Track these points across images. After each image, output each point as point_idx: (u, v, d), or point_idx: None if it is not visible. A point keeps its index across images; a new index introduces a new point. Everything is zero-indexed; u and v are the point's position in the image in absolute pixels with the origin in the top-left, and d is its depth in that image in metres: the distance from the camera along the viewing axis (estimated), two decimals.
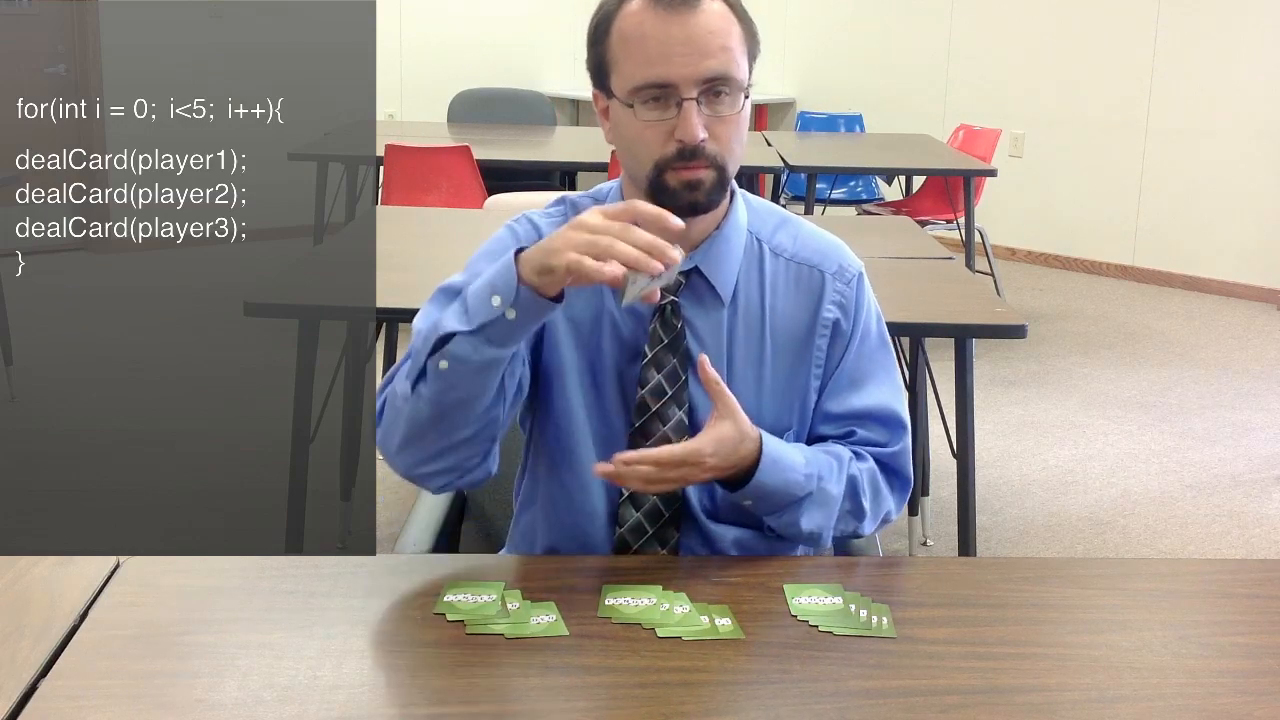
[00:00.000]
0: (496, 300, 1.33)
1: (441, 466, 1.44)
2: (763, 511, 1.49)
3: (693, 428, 1.53)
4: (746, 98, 1.47)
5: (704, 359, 1.43)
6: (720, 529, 1.56)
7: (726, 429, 1.42)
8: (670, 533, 1.54)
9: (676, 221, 1.29)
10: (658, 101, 1.43)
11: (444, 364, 1.36)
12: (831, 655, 1.25)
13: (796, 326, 1.56)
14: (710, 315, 1.54)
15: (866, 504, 1.54)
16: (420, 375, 1.39)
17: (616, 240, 1.26)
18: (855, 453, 1.56)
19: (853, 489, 1.52)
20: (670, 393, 1.52)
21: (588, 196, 1.61)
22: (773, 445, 1.47)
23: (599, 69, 1.50)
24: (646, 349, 1.52)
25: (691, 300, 1.54)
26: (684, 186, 1.45)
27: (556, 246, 1.29)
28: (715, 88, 1.43)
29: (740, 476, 1.46)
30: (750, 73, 1.48)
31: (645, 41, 1.43)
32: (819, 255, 1.58)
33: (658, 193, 1.46)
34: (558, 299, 1.34)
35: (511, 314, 1.33)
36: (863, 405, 1.56)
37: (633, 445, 1.53)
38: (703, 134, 1.42)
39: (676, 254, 1.27)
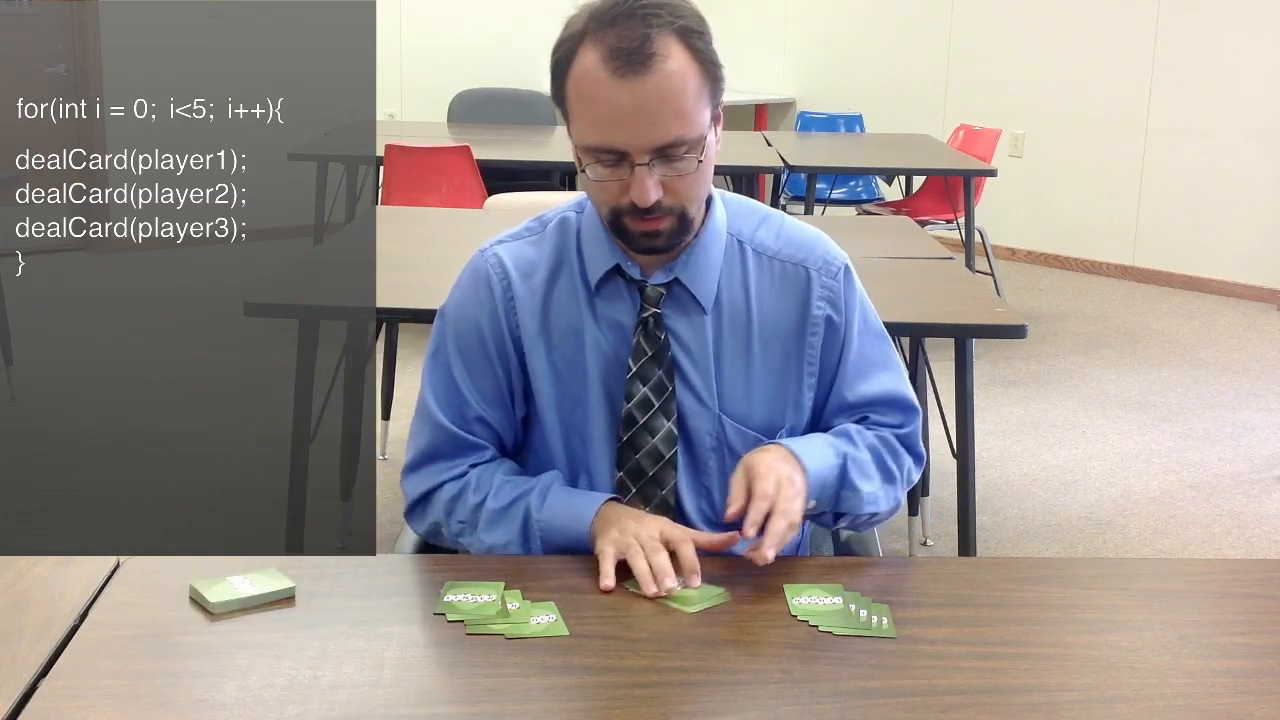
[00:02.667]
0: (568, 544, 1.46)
1: None
2: (827, 501, 1.49)
3: (683, 438, 1.53)
4: (708, 142, 1.43)
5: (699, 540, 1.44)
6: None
7: (746, 461, 1.44)
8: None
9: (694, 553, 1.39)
10: (609, 163, 1.41)
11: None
12: (831, 655, 1.25)
13: (784, 325, 1.55)
14: (694, 324, 1.53)
15: (892, 465, 1.55)
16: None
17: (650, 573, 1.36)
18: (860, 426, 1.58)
19: (875, 453, 1.53)
20: (657, 405, 1.51)
21: (571, 209, 1.58)
22: (791, 441, 1.49)
23: (559, 105, 1.46)
24: (630, 362, 1.51)
25: (674, 310, 1.53)
26: (642, 235, 1.45)
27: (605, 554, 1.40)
28: (669, 151, 1.40)
29: None
30: (716, 107, 1.44)
31: (596, 104, 1.39)
32: (803, 251, 1.57)
33: (617, 233, 1.48)
34: None
35: None
36: (874, 392, 1.56)
37: (621, 460, 1.53)
38: (655, 195, 1.40)
39: (672, 584, 1.36)
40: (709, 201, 1.54)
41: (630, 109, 1.37)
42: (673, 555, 1.38)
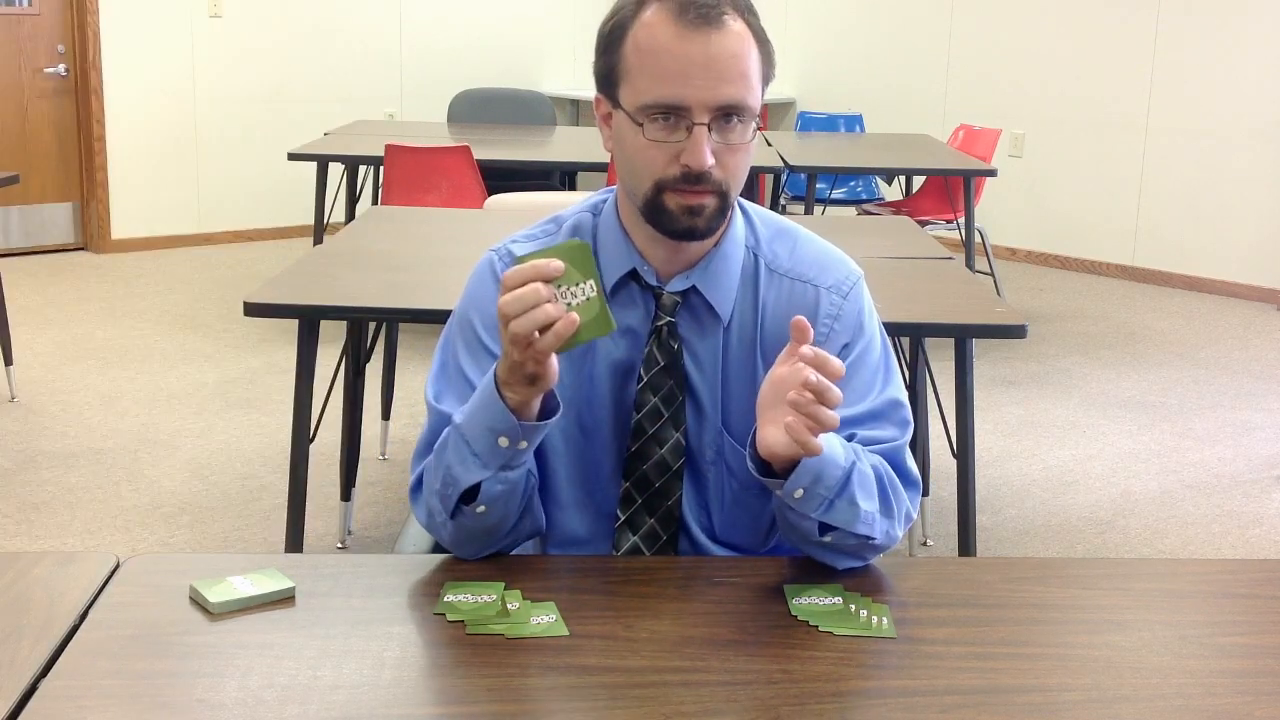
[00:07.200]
0: (504, 441, 1.36)
1: (500, 549, 1.47)
2: (813, 503, 1.35)
3: (689, 450, 1.51)
4: (757, 126, 1.43)
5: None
6: (720, 551, 1.55)
7: None
8: (669, 554, 1.53)
9: (555, 267, 1.27)
10: (667, 122, 1.38)
11: (481, 509, 1.40)
12: (831, 655, 1.25)
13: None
14: (708, 335, 1.51)
15: (891, 498, 1.44)
16: (456, 510, 1.41)
17: (534, 313, 1.26)
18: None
19: (878, 475, 1.43)
20: (667, 415, 1.49)
21: (587, 210, 1.56)
22: None
23: (608, 76, 1.44)
24: (642, 372, 1.49)
25: (688, 320, 1.50)
26: (684, 211, 1.41)
27: (508, 350, 1.30)
28: (728, 114, 1.39)
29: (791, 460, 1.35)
30: (763, 94, 1.44)
31: (661, 58, 1.38)
32: (815, 269, 1.53)
33: (654, 212, 1.43)
34: (554, 410, 1.38)
35: (523, 445, 1.37)
36: (864, 409, 1.49)
37: (628, 470, 1.51)
38: (711, 161, 1.38)
39: (556, 265, 1.27)
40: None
41: (701, 63, 1.37)
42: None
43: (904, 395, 1.54)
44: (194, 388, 4.68)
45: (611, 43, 1.43)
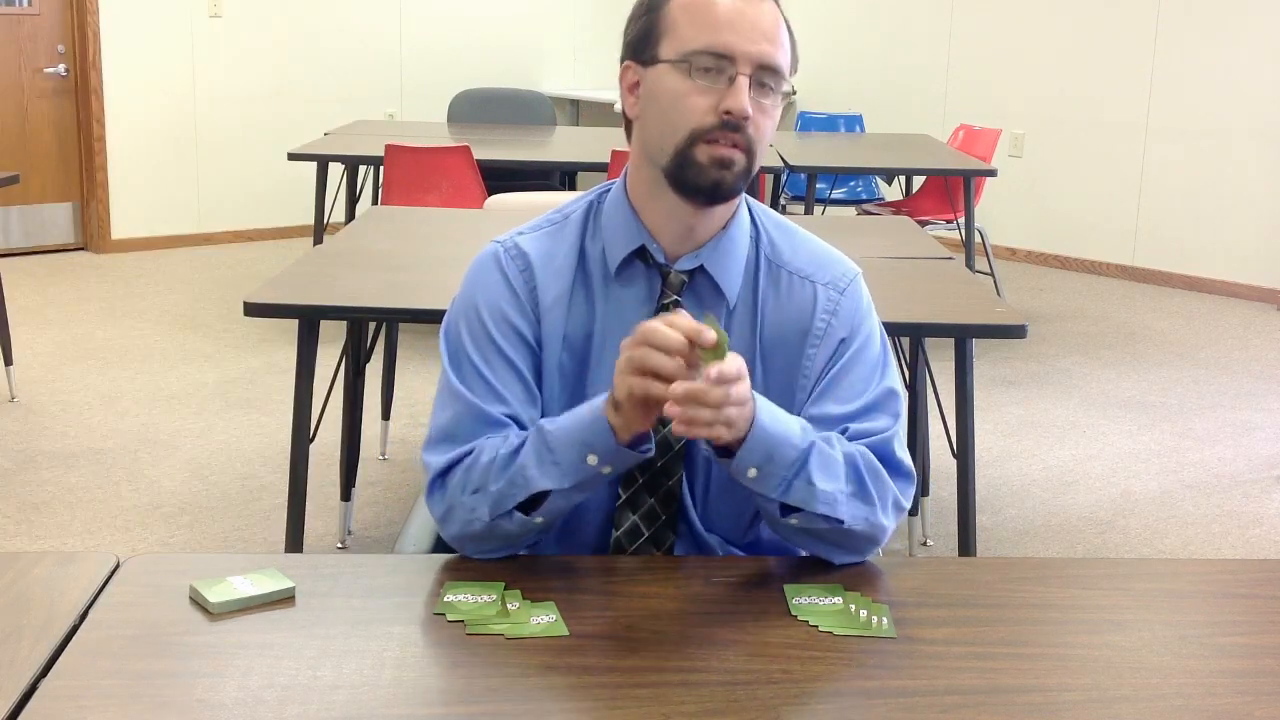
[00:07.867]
0: (593, 459, 1.38)
1: (512, 552, 1.47)
2: (770, 482, 1.38)
3: None
4: (785, 96, 1.48)
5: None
6: (708, 536, 1.55)
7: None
8: (666, 535, 1.53)
9: (709, 338, 1.30)
10: (709, 72, 1.43)
11: (539, 520, 1.41)
12: (831, 655, 1.25)
13: (786, 339, 1.52)
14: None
15: (870, 485, 1.44)
16: (504, 513, 1.41)
17: (658, 356, 1.30)
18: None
19: (852, 463, 1.43)
20: None
21: (592, 195, 1.58)
22: (761, 398, 1.40)
23: (644, 38, 1.47)
24: None
25: (694, 300, 1.52)
26: (714, 163, 1.43)
27: (621, 368, 1.33)
28: (765, 77, 1.44)
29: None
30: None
31: (714, 10, 1.43)
32: (813, 266, 1.55)
33: (683, 167, 1.44)
34: (645, 443, 1.39)
35: (608, 470, 1.39)
36: (863, 403, 1.51)
37: (633, 447, 1.51)
38: (750, 109, 1.42)
39: (710, 336, 1.30)
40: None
41: (749, 18, 1.44)
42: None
43: (900, 386, 1.56)
44: (194, 388, 4.68)
45: (652, 7, 1.48)
